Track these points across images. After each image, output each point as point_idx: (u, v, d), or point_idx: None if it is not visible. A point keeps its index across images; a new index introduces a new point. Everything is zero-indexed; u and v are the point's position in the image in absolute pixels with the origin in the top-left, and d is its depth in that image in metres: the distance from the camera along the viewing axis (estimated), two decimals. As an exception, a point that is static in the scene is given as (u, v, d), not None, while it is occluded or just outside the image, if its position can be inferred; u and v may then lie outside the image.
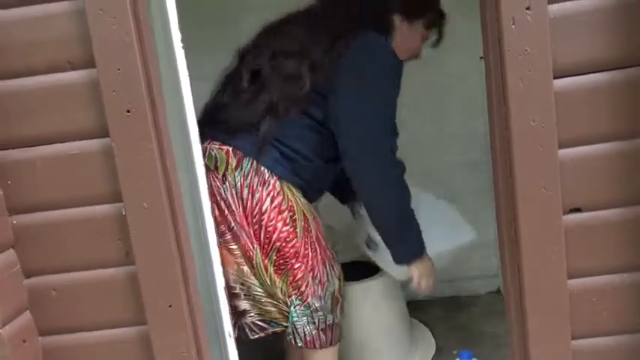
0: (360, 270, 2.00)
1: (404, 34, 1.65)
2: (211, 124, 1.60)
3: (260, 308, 1.67)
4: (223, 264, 1.38)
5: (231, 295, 1.59)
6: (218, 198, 1.55)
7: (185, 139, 1.23)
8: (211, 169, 1.57)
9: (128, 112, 1.11)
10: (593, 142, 1.12)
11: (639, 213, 1.14)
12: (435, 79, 2.34)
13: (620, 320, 1.18)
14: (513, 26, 1.07)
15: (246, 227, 1.56)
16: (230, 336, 1.29)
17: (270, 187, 1.54)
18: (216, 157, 1.57)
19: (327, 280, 1.61)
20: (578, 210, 1.14)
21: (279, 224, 1.54)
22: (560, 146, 1.11)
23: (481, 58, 1.22)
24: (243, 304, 1.64)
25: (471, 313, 2.41)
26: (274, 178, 1.55)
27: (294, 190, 1.58)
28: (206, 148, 1.58)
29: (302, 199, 1.61)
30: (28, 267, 1.21)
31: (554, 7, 1.07)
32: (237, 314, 1.65)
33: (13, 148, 1.17)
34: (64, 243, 1.20)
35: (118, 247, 1.19)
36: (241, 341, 1.60)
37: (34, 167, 1.17)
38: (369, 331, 1.93)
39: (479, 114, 1.42)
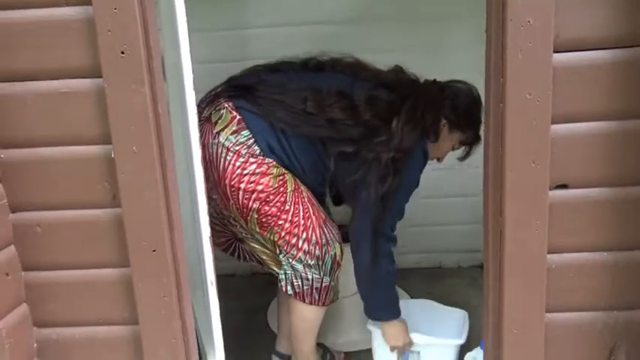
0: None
1: (442, 137, 1.69)
2: (242, 88, 1.61)
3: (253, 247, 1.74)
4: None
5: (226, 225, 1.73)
6: (204, 149, 1.55)
7: (180, 88, 1.22)
8: (212, 121, 1.57)
9: (122, 53, 1.09)
10: (586, 120, 1.12)
11: (625, 194, 1.15)
12: (439, 50, 2.31)
13: (595, 297, 1.20)
14: (518, -5, 1.05)
15: (220, 187, 1.58)
16: (212, 284, 1.31)
17: (257, 159, 1.55)
18: (222, 114, 1.57)
19: (327, 242, 1.62)
20: (564, 186, 1.15)
21: (260, 187, 1.54)
22: (554, 121, 1.11)
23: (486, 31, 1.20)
24: (242, 233, 1.72)
25: (452, 284, 2.44)
26: (263, 157, 1.55)
27: (282, 169, 1.59)
28: (221, 102, 1.58)
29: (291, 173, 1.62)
30: (15, 202, 1.21)
31: (561, -21, 1.06)
32: (237, 239, 1.76)
33: (3, 82, 1.15)
34: (52, 181, 1.19)
35: (105, 189, 1.19)
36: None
37: (24, 102, 1.15)
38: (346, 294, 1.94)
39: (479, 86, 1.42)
